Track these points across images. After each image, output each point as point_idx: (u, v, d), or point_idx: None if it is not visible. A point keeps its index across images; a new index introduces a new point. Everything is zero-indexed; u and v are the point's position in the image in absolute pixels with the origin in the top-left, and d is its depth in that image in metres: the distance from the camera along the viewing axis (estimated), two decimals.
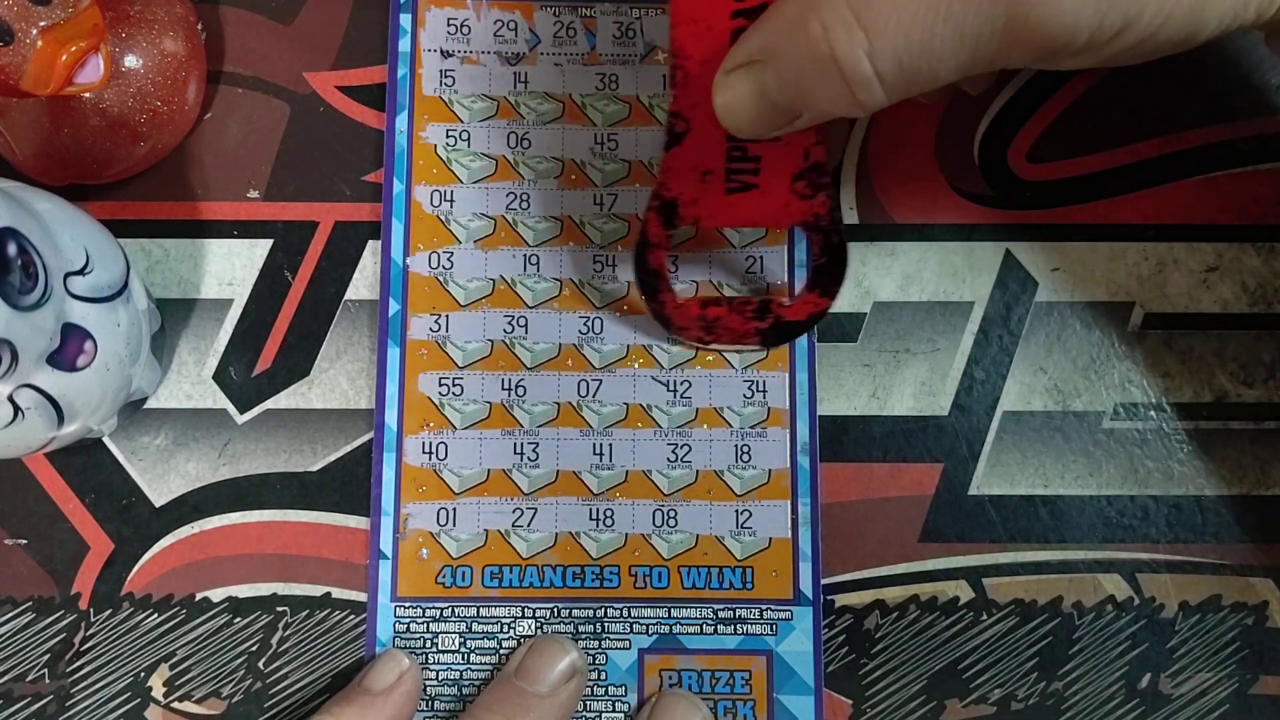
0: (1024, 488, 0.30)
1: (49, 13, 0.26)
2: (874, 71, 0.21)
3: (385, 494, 0.30)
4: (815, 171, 0.27)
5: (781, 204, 0.27)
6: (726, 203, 0.27)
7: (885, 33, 0.21)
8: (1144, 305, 0.31)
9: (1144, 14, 0.20)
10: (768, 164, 0.26)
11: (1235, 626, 0.30)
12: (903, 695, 0.30)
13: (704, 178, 0.27)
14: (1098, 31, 0.21)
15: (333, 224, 0.31)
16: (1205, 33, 0.21)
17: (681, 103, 0.26)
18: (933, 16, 0.21)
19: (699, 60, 0.25)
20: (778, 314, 0.29)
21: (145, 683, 0.30)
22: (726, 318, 0.29)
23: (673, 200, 0.27)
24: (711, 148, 0.26)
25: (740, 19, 0.24)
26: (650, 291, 0.29)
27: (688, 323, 0.29)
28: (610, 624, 0.30)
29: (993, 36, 0.21)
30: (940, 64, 0.21)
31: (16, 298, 0.23)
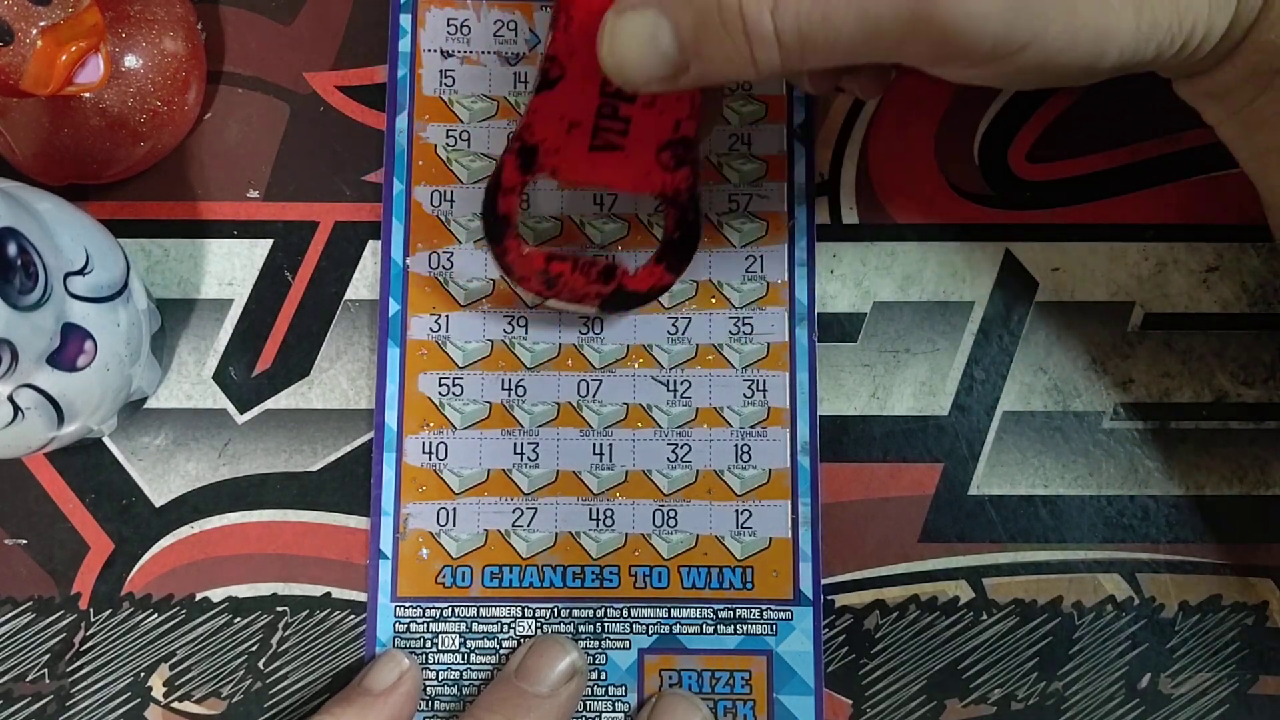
0: (1024, 488, 0.30)
1: (49, 13, 0.26)
2: (774, 31, 0.21)
3: (385, 494, 0.30)
4: (682, 145, 0.26)
5: (643, 171, 0.27)
6: (588, 159, 0.27)
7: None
8: (1144, 305, 0.31)
9: (1048, 31, 0.20)
10: (637, 127, 0.26)
11: (1235, 626, 0.30)
12: (903, 695, 0.30)
13: (570, 129, 0.26)
14: (1001, 43, 0.21)
15: (333, 224, 0.31)
16: (1106, 62, 0.21)
17: (560, 48, 0.25)
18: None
19: (584, 8, 0.24)
20: (621, 281, 0.28)
21: (145, 683, 0.30)
22: (570, 276, 0.28)
23: (534, 146, 0.27)
24: (583, 100, 0.26)
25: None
26: (496, 237, 0.28)
27: (529, 274, 0.28)
28: (610, 624, 0.30)
29: (895, 24, 0.21)
30: (837, 40, 0.21)
31: (16, 298, 0.23)
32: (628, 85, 0.24)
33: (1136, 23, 0.21)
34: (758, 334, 0.31)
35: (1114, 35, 0.21)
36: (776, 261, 0.31)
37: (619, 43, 0.23)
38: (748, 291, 0.31)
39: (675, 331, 0.31)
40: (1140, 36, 0.21)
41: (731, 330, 0.31)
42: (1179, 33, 0.22)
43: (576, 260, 0.28)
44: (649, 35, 0.23)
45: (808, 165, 0.31)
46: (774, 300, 0.31)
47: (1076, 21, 0.20)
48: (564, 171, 0.27)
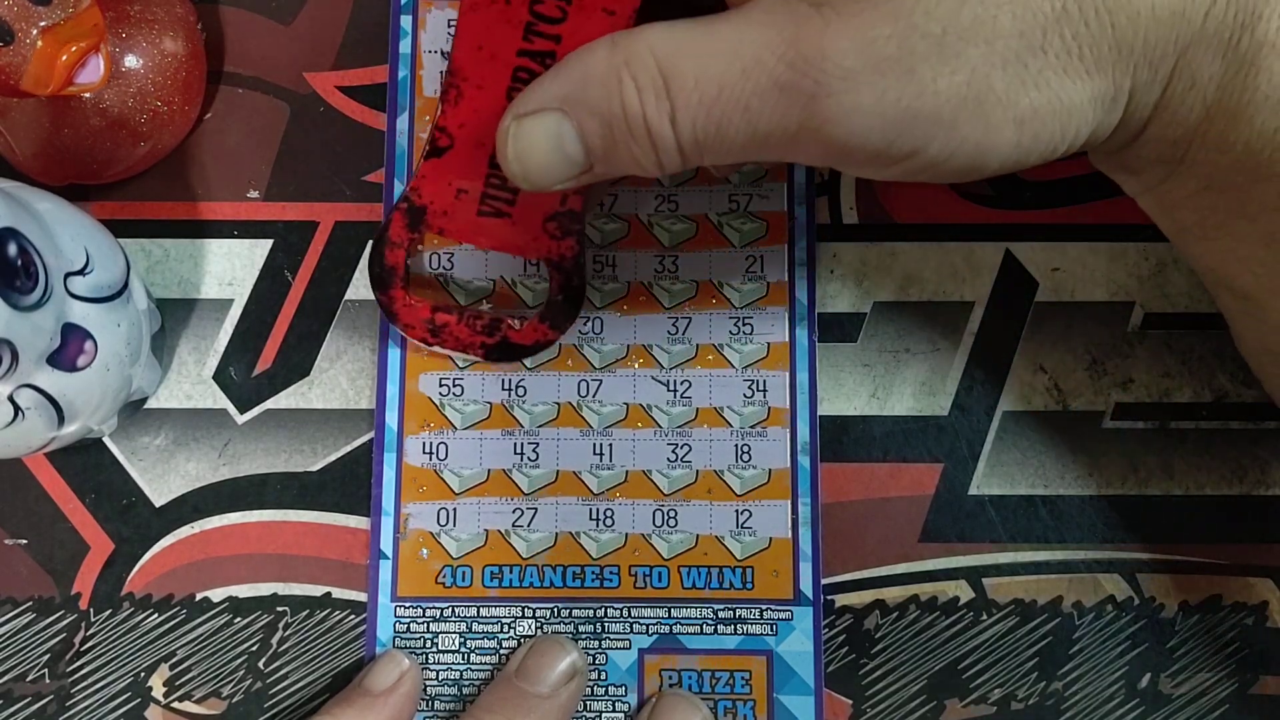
0: (1024, 488, 0.30)
1: (49, 13, 0.26)
2: (674, 139, 0.22)
3: (385, 494, 0.30)
4: (569, 217, 0.27)
5: (531, 237, 0.27)
6: (476, 223, 0.27)
7: (687, 106, 0.22)
8: (1144, 305, 0.31)
9: (930, 146, 0.21)
10: (524, 199, 0.27)
11: (1235, 626, 0.30)
12: (903, 695, 0.30)
13: (459, 194, 0.27)
14: (884, 154, 0.21)
15: (333, 224, 0.31)
16: (989, 169, 0.22)
17: (450, 120, 0.26)
18: (732, 104, 0.21)
19: (475, 85, 0.25)
20: (506, 334, 0.29)
21: (145, 683, 0.30)
22: (454, 326, 0.29)
23: (423, 208, 0.27)
24: (472, 168, 0.26)
25: (525, 59, 0.24)
26: (382, 286, 0.28)
27: (415, 322, 0.29)
28: (610, 624, 0.30)
29: (783, 137, 0.21)
30: (730, 148, 0.22)
31: (16, 298, 0.23)
32: (532, 188, 0.24)
33: (1017, 138, 0.21)
34: (758, 334, 0.31)
35: (994, 150, 0.21)
36: (776, 261, 0.31)
37: (523, 147, 0.23)
38: (748, 291, 0.31)
39: (675, 331, 0.31)
40: (1021, 150, 0.21)
41: (731, 330, 0.31)
42: (1061, 141, 0.22)
43: (462, 312, 0.29)
44: (553, 140, 0.23)
45: (808, 165, 0.31)
46: (774, 300, 0.31)
47: (955, 139, 0.21)
48: (451, 233, 0.28)
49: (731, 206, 0.31)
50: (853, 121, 0.21)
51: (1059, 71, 0.21)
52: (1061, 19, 0.20)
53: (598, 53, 0.23)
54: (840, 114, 0.21)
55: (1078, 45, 0.20)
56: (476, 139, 0.25)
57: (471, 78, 0.25)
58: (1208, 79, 0.21)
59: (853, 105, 0.21)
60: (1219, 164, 0.22)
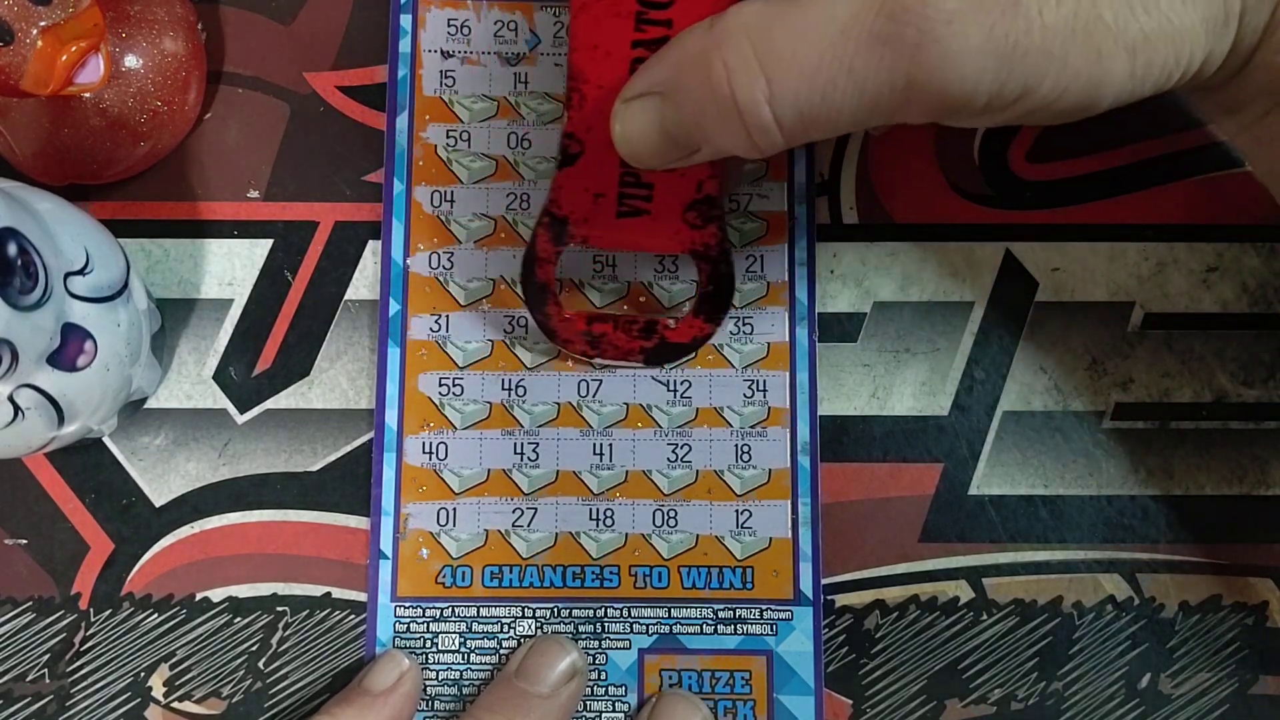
0: (1024, 488, 0.30)
1: (49, 13, 0.26)
2: (773, 117, 0.21)
3: (385, 494, 0.30)
4: (707, 204, 0.27)
5: (672, 232, 0.27)
6: (616, 225, 0.27)
7: (786, 79, 0.21)
8: (1144, 305, 0.31)
9: (1043, 84, 0.21)
10: (660, 192, 0.26)
11: (1235, 626, 0.30)
12: (903, 695, 0.30)
13: (596, 199, 0.27)
14: (996, 97, 0.21)
15: (333, 224, 0.31)
16: (1103, 104, 0.21)
17: (576, 125, 0.25)
18: (835, 69, 0.21)
19: (596, 85, 0.25)
20: (663, 335, 0.29)
21: (145, 683, 0.30)
22: (612, 334, 0.29)
23: (564, 218, 0.27)
24: (605, 171, 0.26)
25: (641, 49, 0.24)
26: (537, 304, 0.29)
27: (573, 336, 0.29)
28: (610, 624, 0.30)
29: (892, 95, 0.21)
30: (839, 115, 0.21)
31: (16, 298, 0.23)
32: (644, 166, 0.24)
33: (1130, 67, 0.21)
34: (758, 334, 0.31)
35: (1107, 82, 0.21)
36: (776, 261, 0.31)
37: (629, 129, 0.24)
38: (748, 292, 0.31)
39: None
40: (1135, 80, 0.21)
41: (731, 330, 0.31)
42: (1175, 67, 0.21)
43: (617, 319, 0.29)
44: (655, 124, 0.23)
45: (808, 165, 0.31)
46: (774, 300, 0.31)
47: (1067, 73, 0.20)
48: (594, 239, 0.28)
49: (731, 206, 0.31)
50: (961, 66, 0.20)
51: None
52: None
53: (694, 35, 0.22)
54: (947, 60, 0.20)
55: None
56: (606, 140, 0.25)
57: (591, 78, 0.25)
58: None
59: (960, 48, 0.20)
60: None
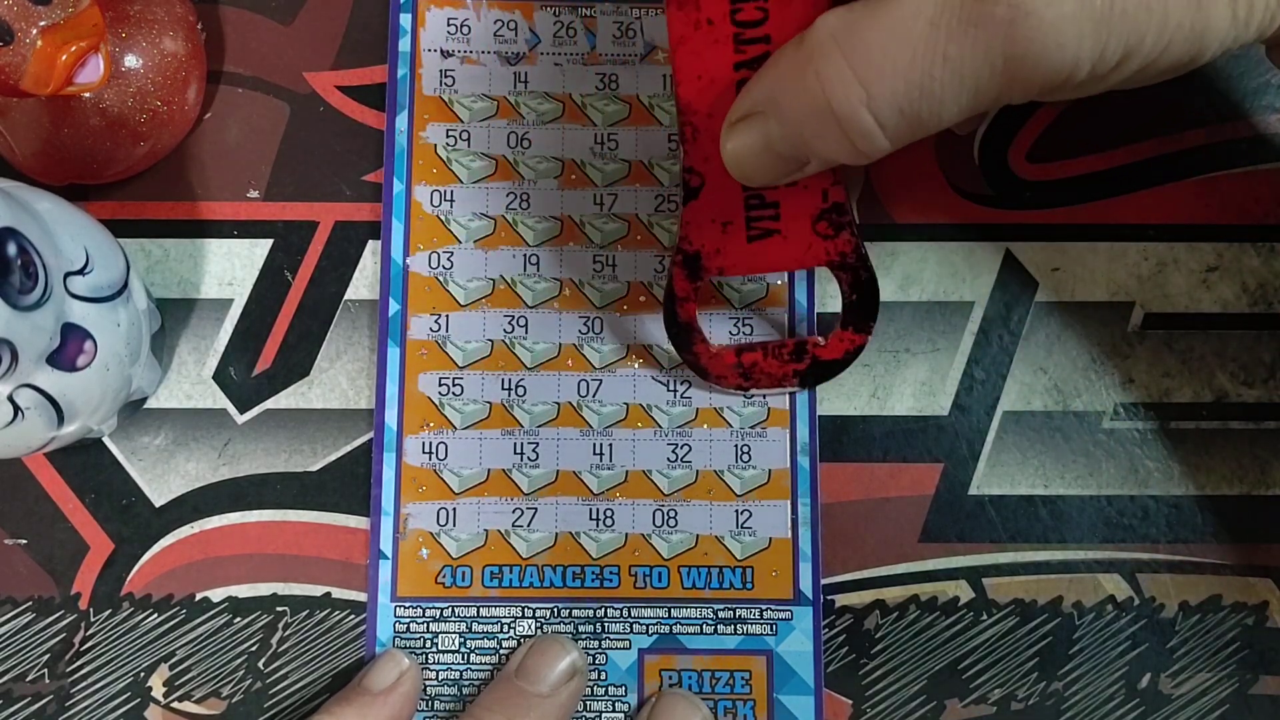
0: (1024, 488, 0.30)
1: (49, 13, 0.26)
2: (875, 121, 0.21)
3: (385, 494, 0.30)
4: (835, 211, 0.27)
5: (805, 246, 0.27)
6: (749, 251, 0.27)
7: (882, 81, 0.21)
8: (1144, 305, 0.31)
9: (1144, 41, 0.20)
10: (787, 209, 0.26)
11: (1235, 626, 0.30)
12: (903, 695, 0.30)
13: (725, 228, 0.27)
14: (1099, 63, 0.20)
15: (333, 224, 0.31)
16: (1207, 55, 0.21)
17: (693, 158, 0.26)
18: (930, 60, 0.20)
19: (705, 114, 0.25)
20: (814, 354, 0.29)
21: (145, 683, 0.30)
22: (763, 363, 0.29)
23: (696, 254, 0.27)
24: (729, 198, 0.26)
25: (744, 70, 0.24)
26: (684, 345, 0.29)
27: (725, 371, 0.29)
28: (610, 624, 0.30)
29: (992, 77, 0.20)
30: (942, 107, 0.21)
31: (16, 298, 0.23)
32: (759, 185, 0.24)
33: (1232, 11, 0.20)
34: (757, 334, 0.31)
35: (1210, 30, 0.20)
36: None
37: (737, 151, 0.24)
38: (748, 292, 0.31)
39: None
40: (1238, 23, 0.20)
41: (732, 330, 0.31)
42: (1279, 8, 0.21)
43: (766, 346, 0.29)
44: (762, 143, 0.23)
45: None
46: (774, 301, 0.31)
47: (1170, 25, 0.20)
48: (731, 269, 0.27)
49: None
50: (1059, 34, 0.20)
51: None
52: None
53: (788, 51, 0.22)
54: (1044, 31, 0.20)
55: None
56: (724, 168, 0.25)
57: (701, 109, 0.25)
58: None
59: (1055, 17, 0.19)
60: None
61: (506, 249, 0.31)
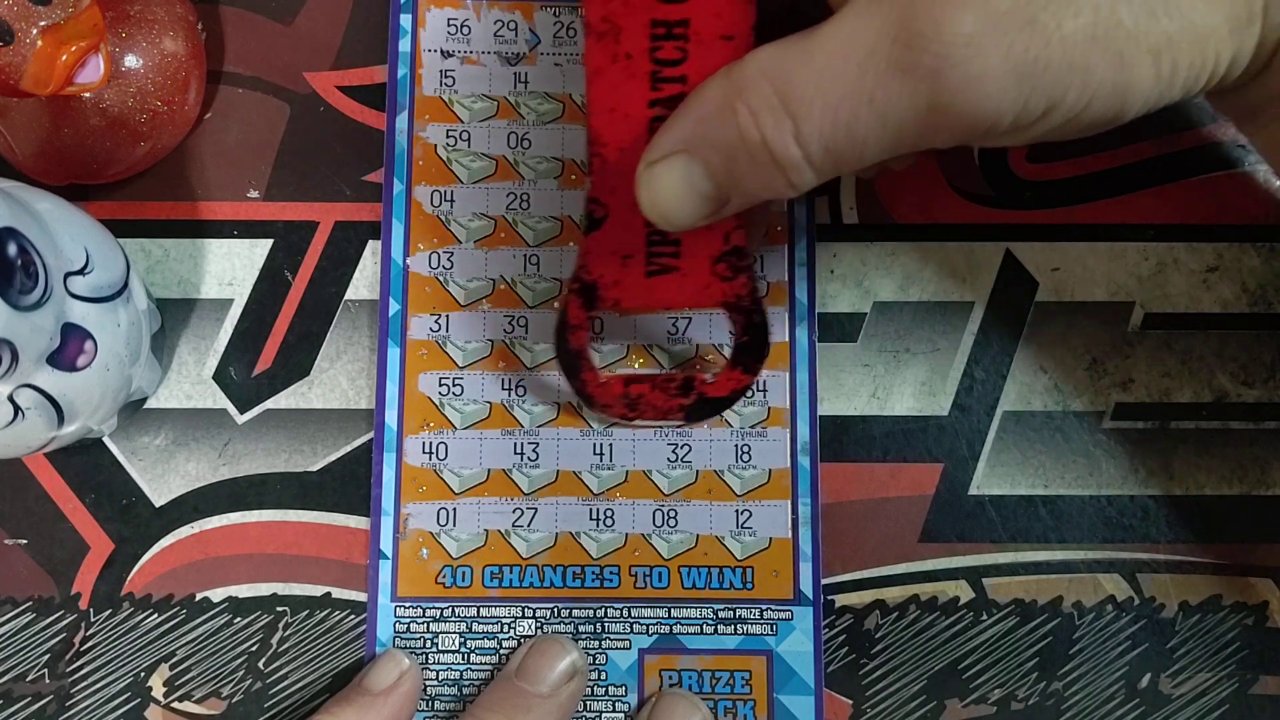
0: (1024, 488, 0.30)
1: (49, 13, 0.26)
2: (803, 155, 0.22)
3: (385, 494, 0.30)
4: (735, 255, 0.26)
5: (703, 285, 0.27)
6: (647, 285, 0.27)
7: (810, 117, 0.21)
8: (1144, 305, 0.31)
9: (1067, 97, 0.20)
10: (688, 247, 0.26)
11: (1235, 626, 0.30)
12: (903, 695, 0.30)
13: (624, 261, 0.27)
14: (1021, 115, 0.21)
15: (333, 224, 0.31)
16: (1131, 112, 0.21)
17: (600, 189, 0.25)
18: (856, 101, 0.21)
19: (616, 147, 0.25)
20: (701, 390, 0.29)
21: (145, 683, 0.30)
22: (650, 395, 0.29)
23: (593, 283, 0.27)
24: (631, 232, 0.26)
25: (658, 108, 0.24)
26: (572, 372, 0.28)
27: (611, 400, 0.29)
28: (610, 624, 0.30)
29: (916, 123, 0.21)
30: (865, 147, 0.21)
31: (16, 298, 0.23)
32: (675, 228, 0.24)
33: (1156, 72, 0.20)
34: None
35: (1134, 89, 0.21)
36: (776, 261, 0.31)
37: (658, 193, 0.23)
38: None
39: (675, 331, 0.31)
40: (1162, 83, 0.21)
41: (731, 330, 0.31)
42: (1202, 69, 0.21)
43: (654, 379, 0.29)
44: (684, 181, 0.23)
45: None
46: (774, 300, 0.31)
47: (1092, 82, 0.20)
48: (626, 301, 0.27)
49: None
50: (983, 87, 0.20)
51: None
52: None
53: (712, 87, 0.22)
54: (969, 82, 0.20)
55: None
56: (630, 202, 0.25)
57: (611, 142, 0.25)
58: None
59: (980, 70, 0.20)
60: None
61: (506, 249, 0.31)
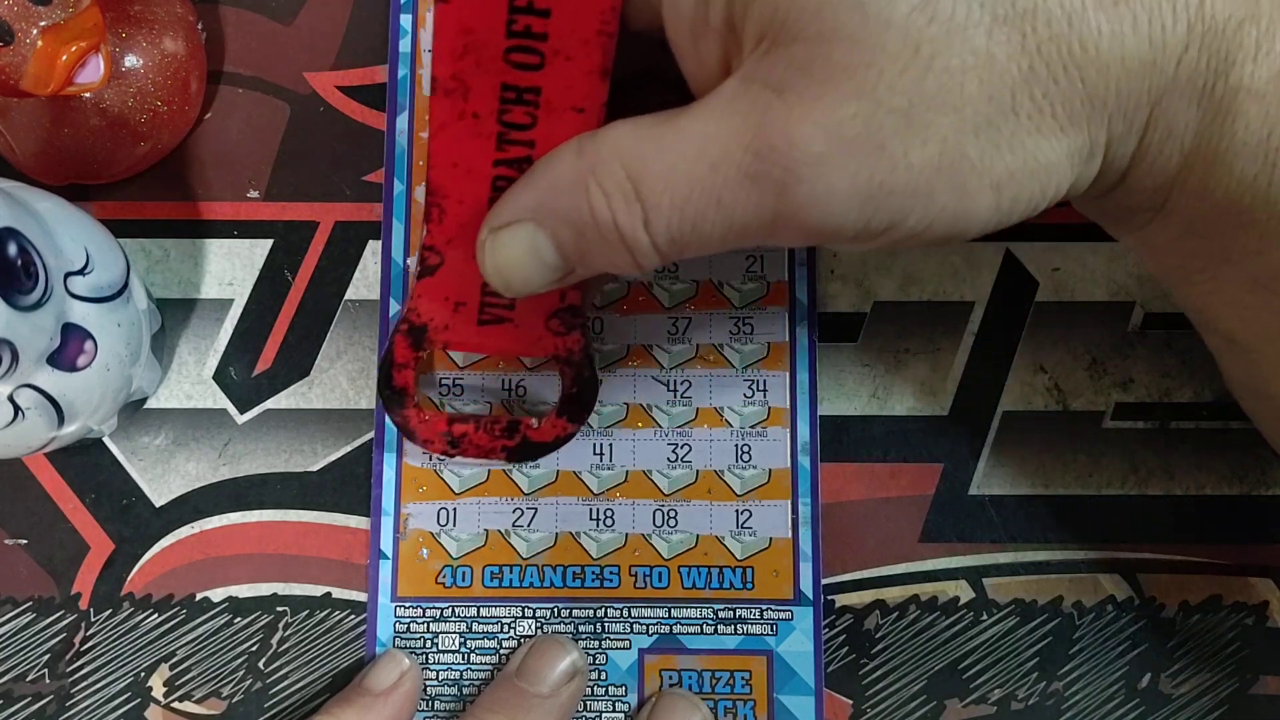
0: (1024, 488, 0.30)
1: (49, 13, 0.26)
2: (650, 242, 0.22)
3: (385, 494, 0.30)
4: (569, 312, 0.27)
5: (535, 338, 0.27)
6: (479, 331, 0.27)
7: (659, 208, 0.21)
8: (1144, 305, 0.31)
9: (908, 219, 0.21)
10: (523, 302, 0.26)
11: (1235, 626, 0.30)
12: (903, 695, 0.30)
13: (457, 308, 0.26)
14: (863, 231, 0.21)
15: (333, 224, 0.31)
16: (970, 234, 0.21)
17: (436, 238, 0.25)
18: (704, 200, 0.21)
19: (456, 200, 0.24)
20: (525, 434, 0.28)
21: (145, 683, 0.30)
22: (473, 435, 0.28)
23: (423, 326, 0.27)
24: (466, 281, 0.26)
25: (502, 167, 0.24)
26: (395, 407, 0.28)
27: (433, 436, 0.28)
28: (610, 624, 0.30)
29: (760, 226, 0.21)
30: (708, 242, 0.22)
31: (16, 298, 0.23)
32: (516, 295, 0.24)
33: (995, 202, 0.21)
34: (758, 334, 0.31)
35: (973, 216, 0.21)
36: (776, 261, 0.31)
37: (500, 259, 0.23)
38: (748, 291, 0.31)
39: (675, 331, 0.31)
40: (1000, 212, 0.21)
41: (731, 330, 0.31)
42: (1041, 198, 0.21)
43: (479, 420, 0.28)
44: (529, 250, 0.23)
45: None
46: (774, 300, 0.31)
47: (934, 208, 0.21)
48: (455, 344, 0.27)
49: None
50: (827, 205, 0.20)
51: (1032, 132, 0.20)
52: (1030, 79, 0.20)
53: (565, 159, 0.22)
54: (813, 199, 0.20)
55: (1049, 104, 0.20)
56: (466, 252, 0.25)
57: (451, 194, 0.24)
58: (1184, 127, 0.21)
59: (825, 189, 0.20)
60: (1200, 210, 0.22)
61: None
